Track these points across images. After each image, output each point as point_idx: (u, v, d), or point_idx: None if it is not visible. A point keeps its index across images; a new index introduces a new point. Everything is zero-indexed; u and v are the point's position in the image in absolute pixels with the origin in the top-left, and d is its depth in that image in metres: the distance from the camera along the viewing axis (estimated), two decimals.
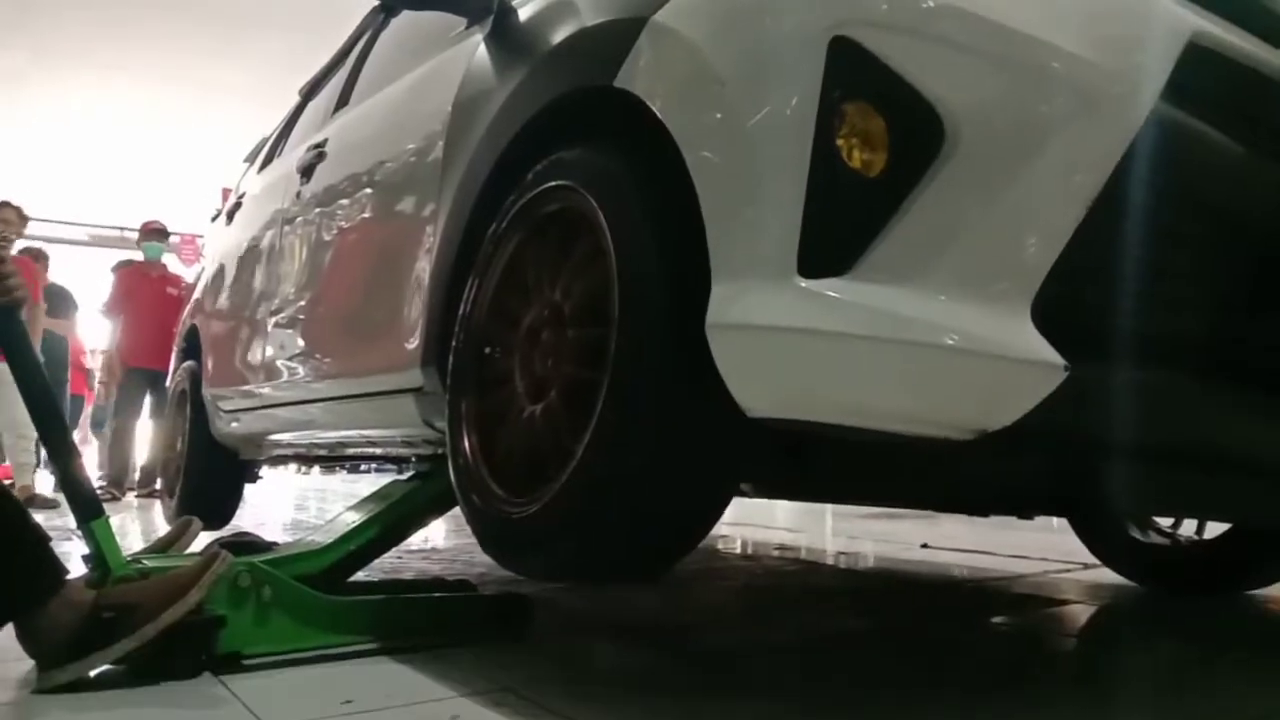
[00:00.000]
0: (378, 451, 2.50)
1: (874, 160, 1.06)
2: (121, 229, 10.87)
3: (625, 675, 1.56)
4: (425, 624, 1.70)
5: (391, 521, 1.91)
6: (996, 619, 2.13)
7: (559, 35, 1.52)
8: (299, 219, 2.56)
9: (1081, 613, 2.19)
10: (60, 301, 7.05)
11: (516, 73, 1.62)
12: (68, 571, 1.44)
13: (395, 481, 2.09)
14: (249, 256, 3.00)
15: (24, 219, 5.44)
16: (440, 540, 3.58)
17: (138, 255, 6.84)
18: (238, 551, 1.61)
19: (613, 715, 1.22)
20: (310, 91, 3.46)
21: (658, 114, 1.22)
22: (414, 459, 2.22)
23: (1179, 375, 1.12)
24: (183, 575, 1.44)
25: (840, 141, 1.06)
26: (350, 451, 2.72)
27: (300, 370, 2.42)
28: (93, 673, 1.39)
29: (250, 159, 4.28)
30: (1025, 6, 1.09)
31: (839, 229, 1.05)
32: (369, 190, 2.17)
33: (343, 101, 2.75)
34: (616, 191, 1.31)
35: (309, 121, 3.20)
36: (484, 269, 1.57)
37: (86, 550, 1.52)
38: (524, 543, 1.35)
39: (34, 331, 5.50)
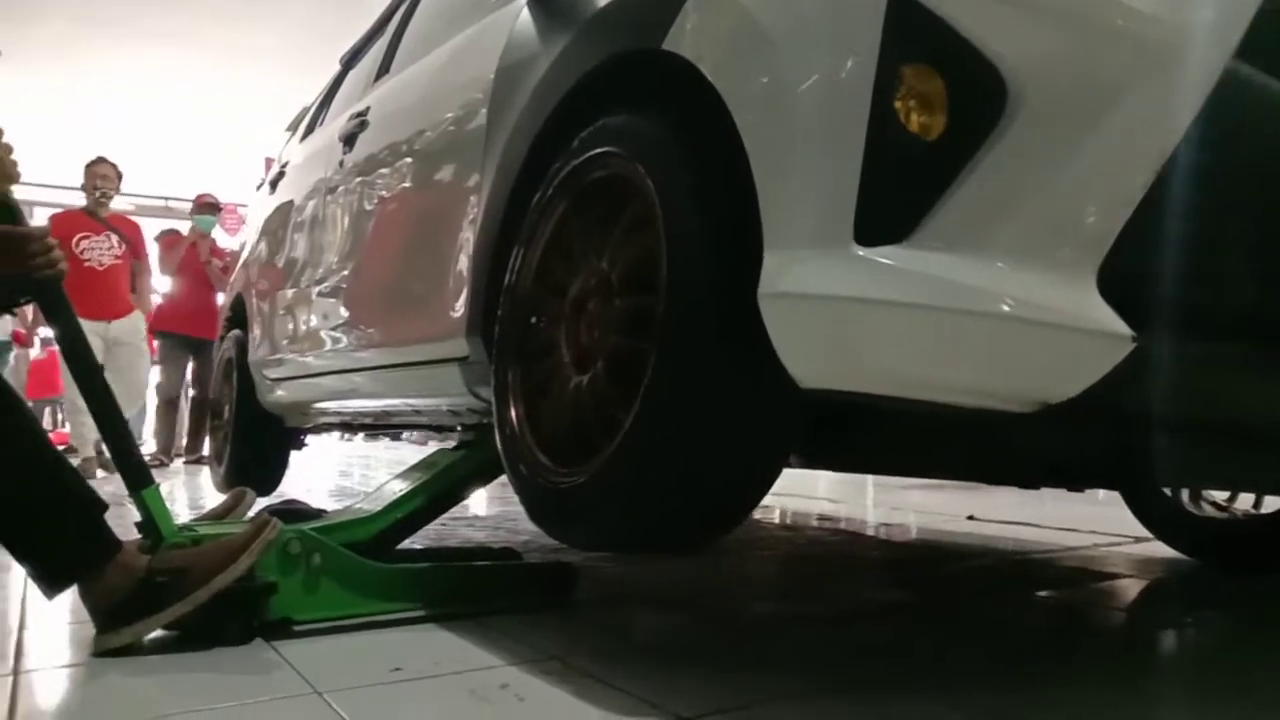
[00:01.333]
0: (423, 420, 2.51)
1: (933, 123, 1.03)
2: (166, 199, 10.96)
3: (670, 645, 1.56)
4: (472, 592, 1.71)
5: (438, 490, 1.92)
6: (1044, 593, 2.11)
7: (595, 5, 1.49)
8: (342, 188, 2.56)
9: (1131, 587, 2.16)
10: None
11: (561, 38, 1.59)
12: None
13: (441, 450, 2.09)
14: (293, 226, 3.01)
15: (120, 175, 5.51)
16: (483, 508, 3.60)
17: (182, 224, 6.92)
18: (287, 519, 1.62)
19: (660, 685, 1.22)
20: (351, 60, 3.45)
21: (708, 77, 1.19)
22: (459, 427, 2.22)
23: (1248, 348, 1.07)
24: (234, 541, 1.46)
25: (898, 104, 1.03)
26: (395, 420, 2.74)
27: (345, 339, 2.43)
28: (148, 636, 1.42)
29: (292, 128, 4.29)
30: None
31: (897, 195, 1.02)
32: (412, 159, 2.16)
33: (384, 69, 2.74)
34: (665, 157, 1.28)
35: (350, 90, 3.19)
36: (529, 238, 1.55)
37: (138, 517, 1.54)
38: (572, 513, 1.35)
39: (144, 293, 5.60)
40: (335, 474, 5.95)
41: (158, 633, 1.43)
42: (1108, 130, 1.00)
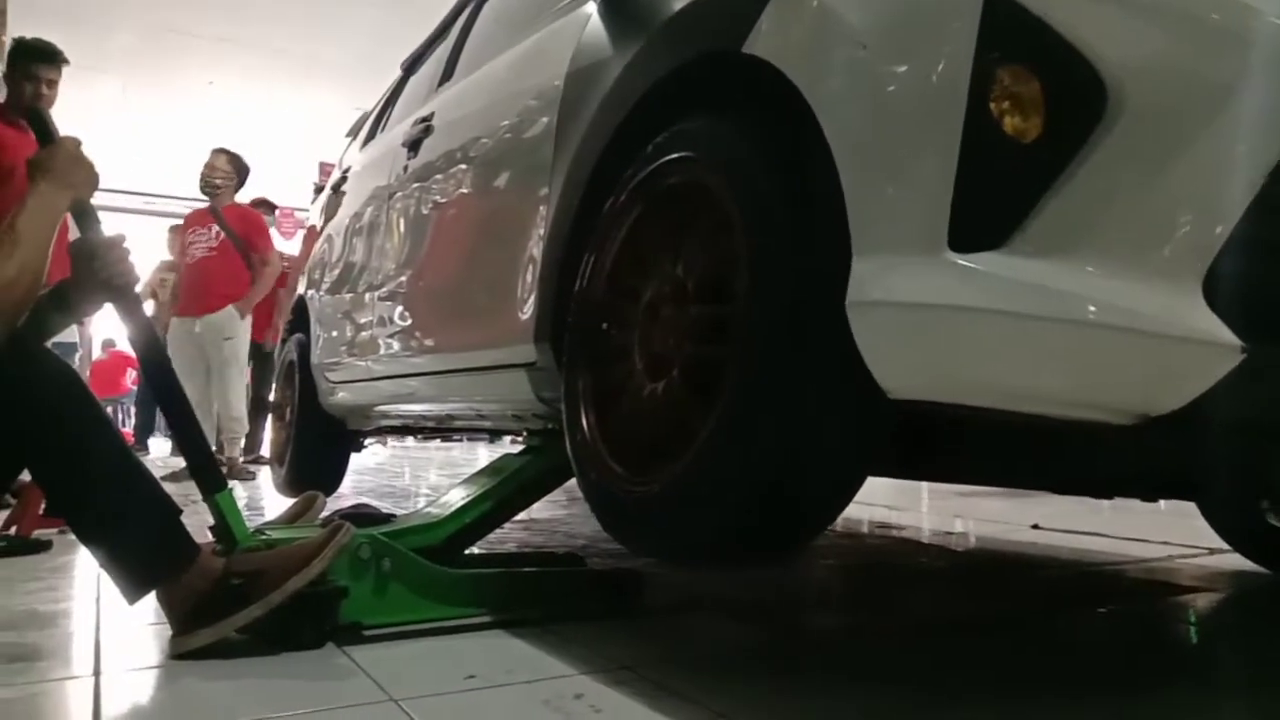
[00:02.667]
0: (486, 424, 2.52)
1: (1030, 126, 1.00)
2: (184, 198, 11.15)
3: (740, 655, 1.54)
4: (539, 598, 1.71)
5: (505, 495, 1.93)
6: (1115, 607, 2.04)
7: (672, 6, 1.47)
8: (406, 194, 2.57)
9: (1207, 601, 2.09)
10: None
11: (634, 41, 1.58)
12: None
13: (507, 455, 2.09)
14: (355, 231, 3.04)
15: (237, 166, 5.20)
16: (538, 511, 3.61)
17: None
18: (357, 523, 1.63)
19: (733, 697, 1.21)
20: (412, 65, 3.48)
21: (792, 80, 1.17)
22: (524, 433, 2.22)
23: None
24: (307, 545, 1.47)
25: (993, 106, 1.00)
26: (458, 424, 2.75)
27: (408, 343, 2.44)
28: (223, 639, 1.43)
29: (353, 133, 4.34)
30: None
31: (993, 200, 1.00)
32: (478, 164, 2.17)
33: (447, 75, 2.76)
34: (742, 163, 1.26)
35: (412, 96, 3.22)
36: (601, 244, 1.54)
37: (211, 520, 1.56)
38: (644, 522, 1.34)
39: (257, 287, 5.10)
40: (388, 476, 6.01)
41: (233, 636, 1.44)
42: (1212, 132, 0.96)
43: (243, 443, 5.32)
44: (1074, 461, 1.28)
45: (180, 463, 6.05)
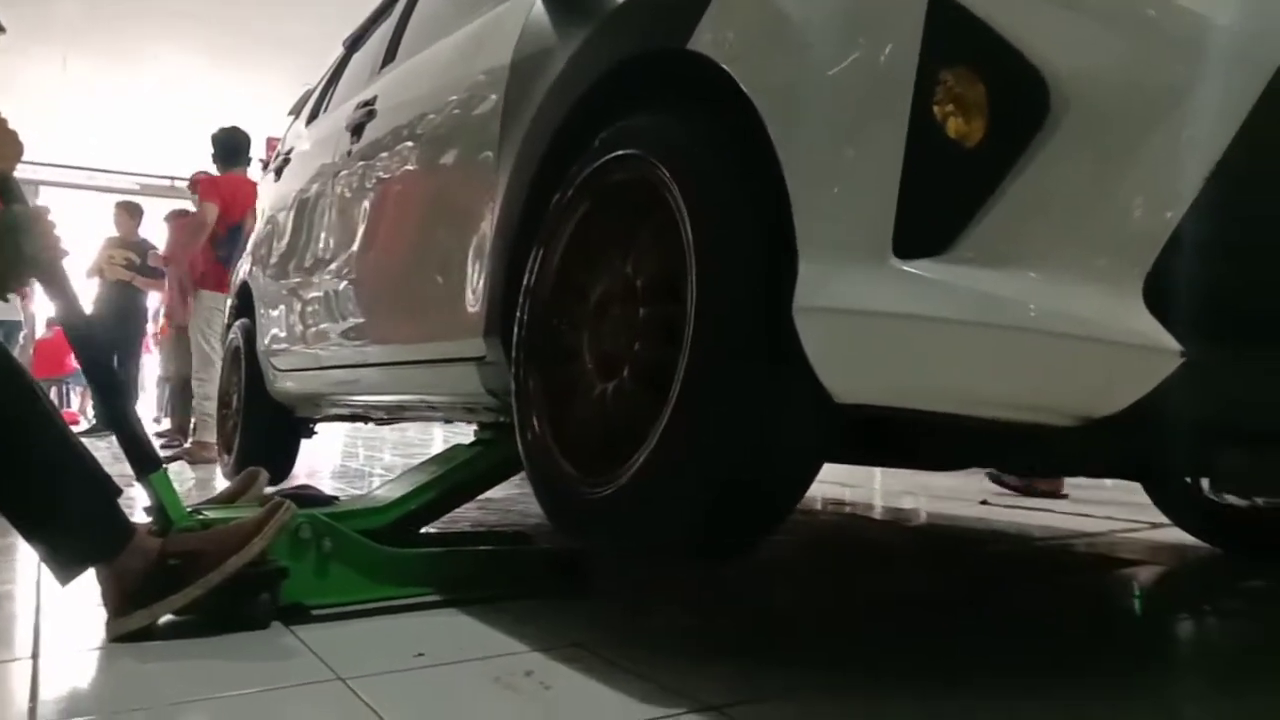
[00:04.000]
0: (438, 415, 2.49)
1: (975, 130, 1.00)
2: (172, 179, 10.93)
3: (692, 632, 1.54)
4: (486, 577, 1.69)
5: (452, 485, 1.91)
6: (1060, 580, 2.09)
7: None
8: (349, 180, 2.52)
9: (1152, 575, 2.14)
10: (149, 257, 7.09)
11: (578, 32, 1.55)
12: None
13: (458, 445, 2.08)
14: (300, 215, 2.97)
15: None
16: (495, 490, 3.59)
17: (189, 205, 6.81)
18: (299, 504, 1.60)
19: (685, 673, 1.20)
20: (355, 43, 3.40)
21: (737, 80, 1.16)
22: (476, 425, 2.20)
23: None
24: (246, 524, 1.45)
25: (938, 110, 1.00)
26: (409, 413, 2.72)
27: (356, 333, 2.40)
28: (163, 620, 1.40)
29: (295, 112, 4.25)
30: None
31: (938, 206, 1.00)
32: (423, 152, 2.13)
33: (389, 57, 2.69)
34: (690, 162, 1.25)
35: (355, 75, 3.14)
36: (549, 238, 1.52)
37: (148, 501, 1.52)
38: (597, 522, 1.33)
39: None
40: (340, 455, 5.94)
41: (172, 618, 1.41)
42: (1153, 136, 0.97)
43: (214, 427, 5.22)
44: (1021, 452, 1.29)
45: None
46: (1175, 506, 2.40)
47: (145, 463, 1.50)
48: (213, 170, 5.50)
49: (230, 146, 5.32)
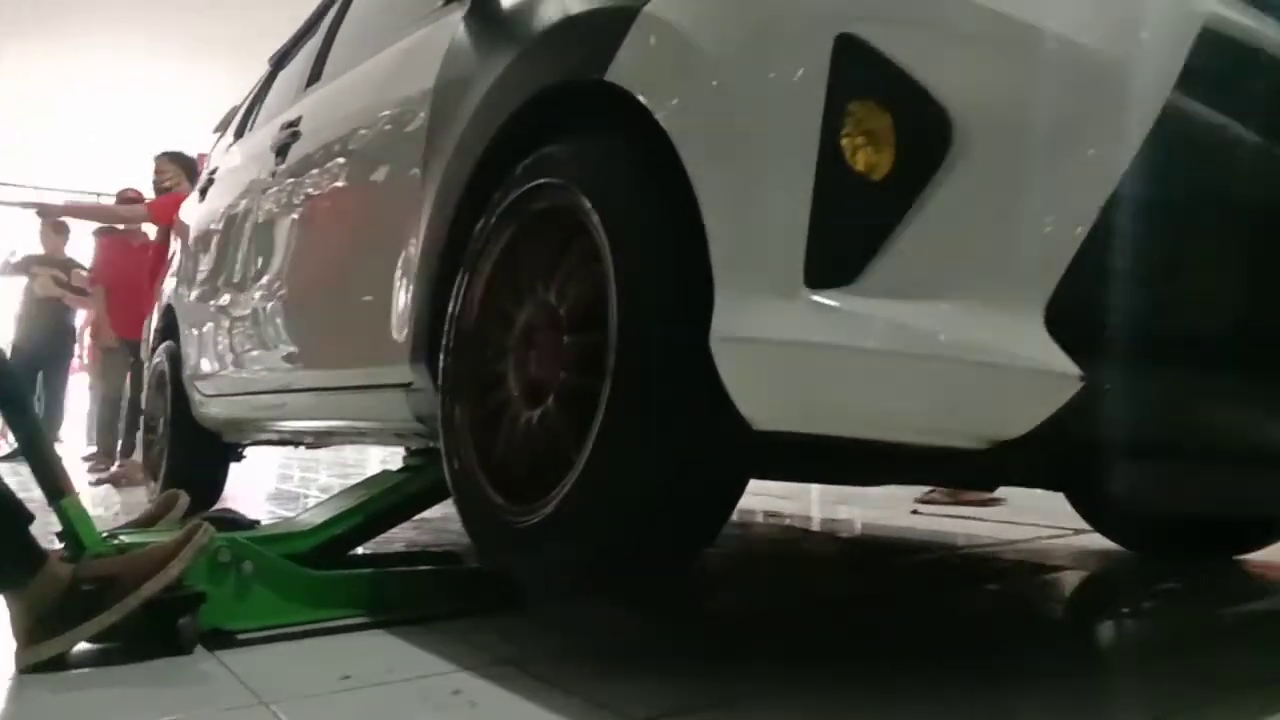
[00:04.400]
0: (368, 440, 2.46)
1: (880, 163, 1.02)
2: (98, 194, 10.59)
3: (624, 646, 1.54)
4: (413, 597, 1.67)
5: (380, 509, 1.90)
6: (986, 585, 2.14)
7: (545, 21, 1.46)
8: (275, 201, 2.49)
9: (1072, 579, 2.20)
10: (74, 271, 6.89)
11: (500, 59, 1.55)
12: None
13: (386, 471, 2.06)
14: (225, 237, 2.92)
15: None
16: (431, 510, 3.55)
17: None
18: (220, 527, 1.57)
19: (614, 687, 1.21)
20: (280, 60, 3.36)
21: (652, 112, 1.17)
22: (405, 450, 2.18)
23: (1199, 373, 1.09)
24: (163, 548, 1.42)
25: (845, 144, 1.03)
26: (337, 439, 2.68)
27: (281, 358, 2.36)
28: (78, 649, 1.37)
29: (220, 129, 4.18)
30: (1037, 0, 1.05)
31: (846, 237, 1.02)
32: (347, 176, 2.11)
33: (315, 76, 2.67)
34: (611, 192, 1.26)
35: (280, 93, 3.11)
36: (474, 266, 1.52)
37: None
38: (525, 552, 1.32)
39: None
40: (275, 477, 5.83)
41: (88, 646, 1.37)
42: (1053, 166, 1.01)
43: None
44: (941, 469, 1.33)
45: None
46: (1093, 514, 2.48)
47: (54, 489, 1.46)
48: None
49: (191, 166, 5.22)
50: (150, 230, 5.61)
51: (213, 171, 3.45)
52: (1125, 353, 1.03)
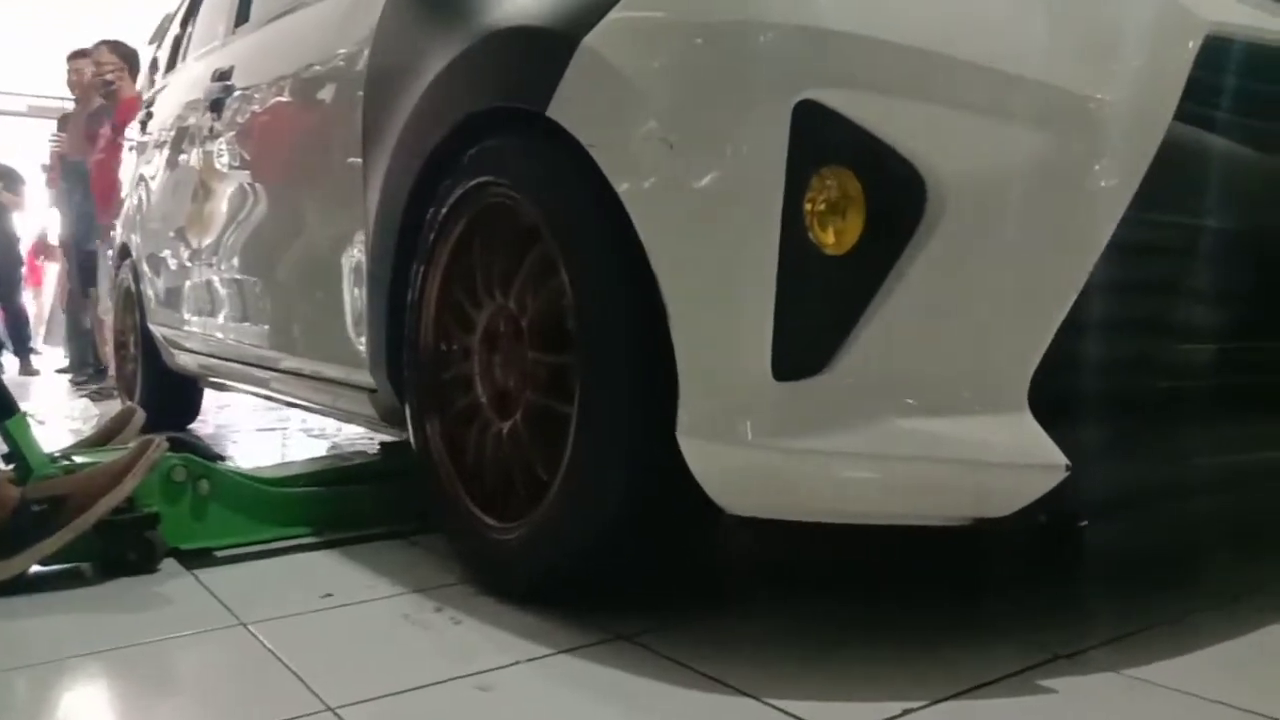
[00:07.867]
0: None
1: (849, 237, 0.94)
2: (62, 99, 10.07)
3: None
4: (376, 513, 1.65)
5: (348, 472, 1.83)
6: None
7: (486, 23, 1.30)
8: (218, 162, 2.33)
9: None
10: (8, 179, 6.66)
11: (438, 55, 1.39)
12: None
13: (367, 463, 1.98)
14: (172, 194, 2.74)
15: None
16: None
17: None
18: (177, 449, 1.54)
19: (594, 606, 1.20)
20: None
21: (599, 166, 1.06)
22: (379, 444, 2.11)
23: (1188, 436, 1.05)
24: (115, 465, 1.40)
25: (810, 218, 0.94)
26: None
27: (245, 334, 2.24)
28: (34, 570, 1.35)
29: (156, 39, 3.92)
30: (1012, 43, 0.94)
31: (815, 321, 0.94)
32: (284, 147, 1.96)
33: (243, 16, 2.45)
34: (562, 196, 1.15)
35: (209, 19, 2.86)
36: (428, 261, 1.40)
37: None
38: (507, 568, 1.26)
39: None
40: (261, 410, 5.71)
41: (53, 567, 1.36)
42: (1030, 237, 0.93)
43: None
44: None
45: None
46: None
47: (1, 409, 1.43)
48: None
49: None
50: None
51: (150, 104, 3.25)
52: (1115, 427, 0.98)
